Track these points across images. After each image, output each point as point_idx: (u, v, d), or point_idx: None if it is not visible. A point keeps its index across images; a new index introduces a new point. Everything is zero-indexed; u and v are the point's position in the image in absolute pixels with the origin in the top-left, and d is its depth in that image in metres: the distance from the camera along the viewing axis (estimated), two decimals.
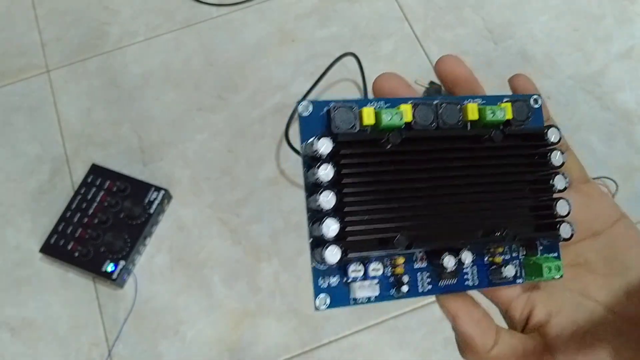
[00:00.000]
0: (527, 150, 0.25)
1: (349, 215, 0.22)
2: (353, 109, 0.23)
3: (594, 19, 0.79)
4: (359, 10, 0.81)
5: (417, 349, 0.63)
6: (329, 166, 0.22)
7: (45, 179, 0.73)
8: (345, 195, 0.22)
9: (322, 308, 0.23)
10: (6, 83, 0.79)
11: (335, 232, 0.22)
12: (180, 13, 0.83)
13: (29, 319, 0.66)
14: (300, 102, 0.23)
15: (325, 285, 0.23)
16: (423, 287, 0.24)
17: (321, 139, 0.22)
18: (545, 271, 0.24)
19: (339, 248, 0.22)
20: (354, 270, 0.23)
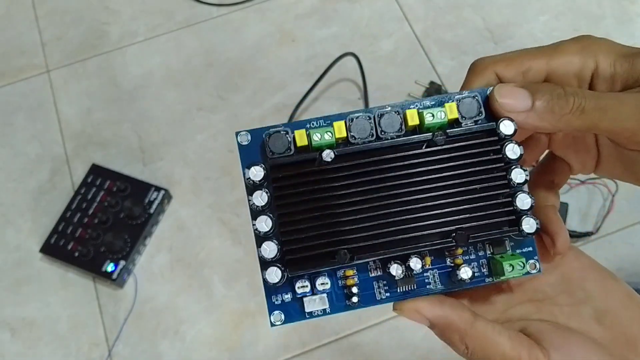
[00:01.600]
0: (476, 149, 0.24)
1: (285, 236, 0.23)
2: (287, 134, 0.24)
3: (594, 19, 0.79)
4: (359, 10, 0.81)
5: (417, 349, 0.63)
6: (262, 192, 0.23)
7: (45, 179, 0.73)
8: (279, 217, 0.23)
9: (277, 324, 0.24)
10: (6, 83, 0.79)
11: (273, 254, 0.23)
12: (180, 13, 0.83)
13: (29, 319, 0.66)
14: (239, 132, 0.25)
15: (278, 302, 0.24)
16: (380, 294, 0.25)
17: (252, 168, 0.24)
18: (506, 269, 0.24)
19: (278, 268, 0.23)
20: (300, 286, 0.24)
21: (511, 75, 0.25)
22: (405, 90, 0.73)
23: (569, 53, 0.25)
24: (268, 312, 0.24)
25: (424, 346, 0.63)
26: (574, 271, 0.26)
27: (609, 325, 0.24)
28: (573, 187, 0.66)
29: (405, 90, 0.73)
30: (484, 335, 0.23)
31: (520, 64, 0.25)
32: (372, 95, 0.74)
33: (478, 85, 0.25)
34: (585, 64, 0.24)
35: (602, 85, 0.24)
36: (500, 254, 0.25)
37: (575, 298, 0.25)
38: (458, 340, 0.23)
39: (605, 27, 0.78)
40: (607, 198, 0.66)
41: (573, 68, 0.24)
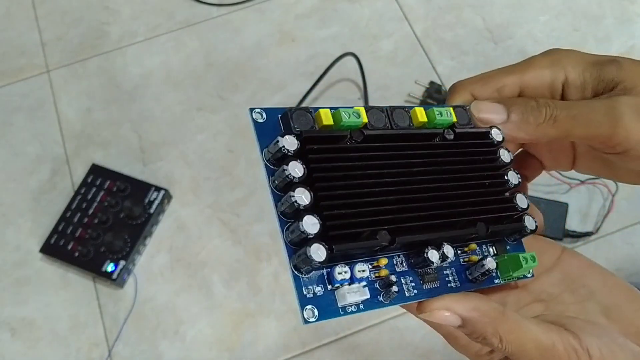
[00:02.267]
0: (479, 148, 0.25)
1: (327, 210, 0.21)
2: (309, 112, 0.23)
3: (594, 19, 0.79)
4: (359, 10, 0.81)
5: (417, 349, 0.63)
6: (297, 163, 0.21)
7: (45, 179, 0.73)
8: (318, 190, 0.21)
9: (311, 321, 0.21)
10: (6, 83, 0.79)
11: (316, 228, 0.21)
12: (180, 13, 0.83)
13: (29, 319, 0.66)
14: (254, 109, 0.23)
15: (310, 295, 0.22)
16: (409, 291, 0.23)
17: (286, 136, 0.21)
18: (522, 261, 0.24)
19: (323, 245, 0.21)
20: (341, 272, 0.21)
21: (487, 93, 0.26)
22: (405, 90, 0.73)
23: (539, 67, 0.26)
24: (299, 307, 0.21)
25: (424, 346, 0.63)
26: (574, 270, 0.26)
27: (616, 318, 0.24)
28: (573, 187, 0.66)
29: (405, 90, 0.73)
30: (516, 323, 0.22)
31: (495, 83, 0.26)
32: (372, 95, 0.74)
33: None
34: (556, 76, 0.26)
35: (574, 94, 0.26)
36: (502, 255, 0.26)
37: (579, 295, 0.25)
38: (491, 334, 0.22)
39: (605, 27, 0.78)
40: (607, 198, 0.66)
41: (544, 80, 0.26)
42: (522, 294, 0.26)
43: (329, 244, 0.21)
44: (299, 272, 0.22)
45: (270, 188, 0.22)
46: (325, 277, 0.22)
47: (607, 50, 0.77)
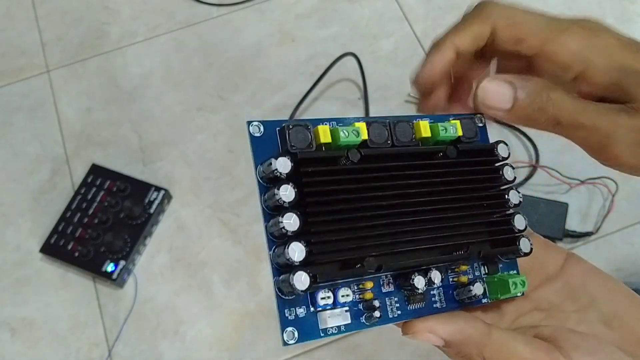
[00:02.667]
0: (481, 166, 0.25)
1: (316, 237, 0.21)
2: (308, 127, 0.22)
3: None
4: (359, 10, 0.81)
5: (417, 349, 0.63)
6: (289, 186, 0.21)
7: (45, 179, 0.73)
8: (309, 216, 0.21)
9: (290, 342, 0.21)
10: (6, 83, 0.79)
11: (302, 256, 0.21)
12: (180, 13, 0.83)
13: (29, 319, 0.66)
14: (251, 122, 0.22)
15: (292, 317, 0.22)
16: (393, 312, 0.23)
17: (279, 158, 0.21)
18: (512, 287, 0.24)
19: (306, 274, 0.20)
20: (324, 297, 0.21)
21: (468, 44, 0.25)
22: (405, 90, 0.73)
23: (570, 39, 0.25)
24: (280, 328, 0.21)
25: (424, 346, 0.63)
26: (576, 277, 0.26)
27: (617, 327, 0.24)
28: (573, 187, 0.66)
29: (405, 90, 0.73)
30: (501, 344, 0.22)
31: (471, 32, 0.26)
32: (372, 95, 0.74)
33: (438, 61, 0.26)
34: (582, 59, 0.25)
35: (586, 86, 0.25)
36: (494, 274, 0.25)
37: (581, 303, 0.25)
38: (476, 355, 0.22)
39: None
40: (607, 198, 0.66)
41: (566, 59, 0.25)
42: (522, 302, 0.26)
43: (313, 272, 0.21)
44: (282, 294, 0.22)
45: (261, 206, 0.22)
46: (308, 299, 0.22)
47: None
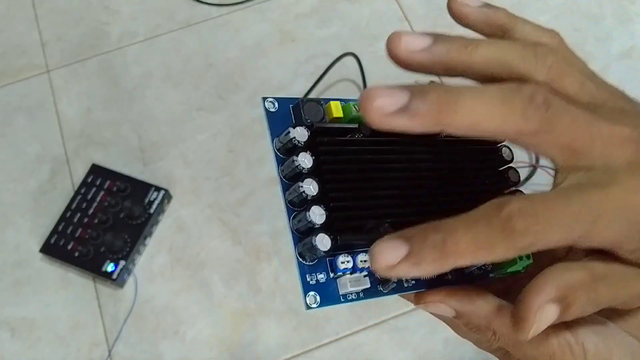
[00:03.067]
0: (480, 145, 0.25)
1: (334, 201, 0.22)
2: (321, 103, 0.23)
3: (594, 19, 0.79)
4: (359, 10, 0.81)
5: (417, 349, 0.63)
6: (306, 154, 0.22)
7: (45, 179, 0.73)
8: (326, 182, 0.22)
9: (313, 306, 0.22)
10: (6, 83, 0.79)
11: (323, 218, 0.21)
12: (180, 13, 0.83)
13: (29, 319, 0.66)
14: (266, 98, 0.23)
15: (313, 282, 0.22)
16: (407, 282, 0.24)
17: (297, 127, 0.22)
18: (516, 259, 0.24)
19: (327, 236, 0.21)
20: (343, 261, 0.22)
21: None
22: None
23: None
24: (303, 293, 0.22)
25: (424, 346, 0.63)
26: None
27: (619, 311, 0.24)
28: None
29: None
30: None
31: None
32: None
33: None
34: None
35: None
36: None
37: None
38: (485, 327, 0.22)
39: (605, 27, 0.78)
40: None
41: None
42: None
43: (334, 235, 0.21)
44: (304, 260, 0.22)
45: (279, 177, 0.23)
46: (328, 265, 0.23)
47: (607, 50, 0.77)
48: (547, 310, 0.18)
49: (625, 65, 0.76)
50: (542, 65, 0.19)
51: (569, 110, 0.18)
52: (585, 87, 0.20)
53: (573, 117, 0.18)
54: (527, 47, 0.20)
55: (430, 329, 0.63)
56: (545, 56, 0.20)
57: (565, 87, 0.20)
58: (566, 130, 0.18)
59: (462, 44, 0.19)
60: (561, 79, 0.20)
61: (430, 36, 0.20)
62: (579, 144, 0.18)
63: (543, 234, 0.17)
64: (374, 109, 0.18)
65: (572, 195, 0.18)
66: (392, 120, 0.18)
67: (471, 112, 0.17)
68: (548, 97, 0.18)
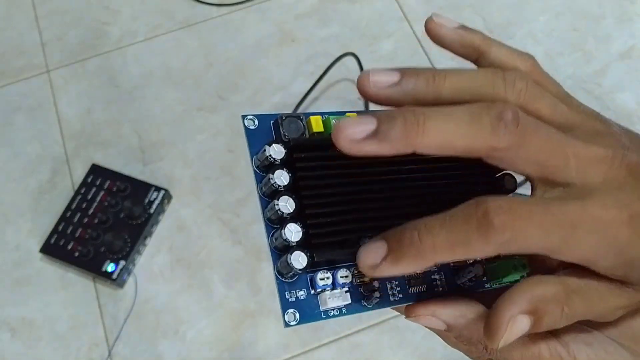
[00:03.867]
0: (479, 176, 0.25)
1: (311, 218, 0.22)
2: (301, 119, 0.23)
3: (594, 19, 0.79)
4: (359, 10, 0.81)
5: (417, 349, 0.63)
6: (283, 172, 0.22)
7: (45, 179, 0.73)
8: (303, 198, 0.22)
9: (292, 324, 0.22)
10: (6, 83, 0.79)
11: (299, 236, 0.21)
12: (180, 13, 0.83)
13: (29, 319, 0.66)
14: (246, 115, 0.23)
15: (292, 299, 0.22)
16: (394, 296, 0.23)
17: (272, 145, 0.22)
18: (512, 269, 0.24)
19: (304, 253, 0.21)
20: (323, 278, 0.22)
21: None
22: None
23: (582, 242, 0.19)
24: (282, 310, 0.22)
25: (424, 346, 0.63)
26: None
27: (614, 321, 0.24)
28: None
29: None
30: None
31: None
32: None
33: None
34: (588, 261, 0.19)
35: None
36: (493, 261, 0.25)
37: None
38: (476, 339, 0.22)
39: (605, 27, 0.78)
40: None
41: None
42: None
43: (310, 252, 0.21)
44: (283, 277, 0.22)
45: (258, 194, 0.23)
46: (308, 281, 0.22)
47: (607, 50, 0.77)
48: (519, 322, 0.18)
49: (625, 65, 0.76)
50: (511, 90, 0.20)
51: (541, 127, 0.19)
52: (558, 110, 0.21)
53: (546, 135, 0.19)
54: (496, 74, 0.20)
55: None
56: (515, 81, 0.20)
57: (537, 110, 0.20)
58: (540, 147, 0.19)
59: (429, 76, 0.20)
60: (533, 103, 0.20)
61: (398, 72, 0.20)
62: (554, 162, 0.19)
63: (520, 233, 0.17)
64: (343, 138, 0.18)
65: (552, 203, 0.18)
66: (362, 146, 0.18)
67: (440, 132, 0.18)
68: (517, 114, 0.18)
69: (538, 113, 0.20)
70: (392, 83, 0.20)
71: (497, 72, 0.20)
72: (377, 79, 0.20)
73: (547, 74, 0.23)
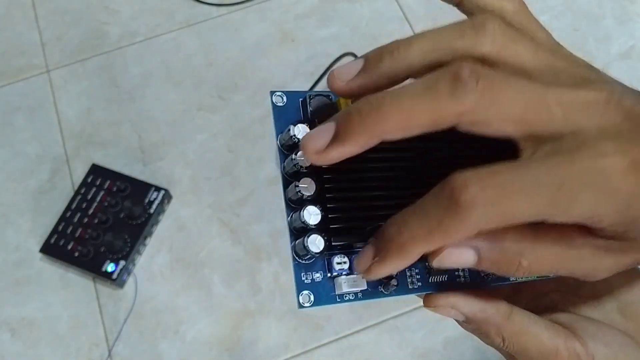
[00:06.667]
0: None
1: (331, 202, 0.21)
2: (330, 98, 0.22)
3: (594, 19, 0.79)
4: (359, 10, 0.81)
5: (417, 349, 0.63)
6: None
7: (45, 179, 0.73)
8: (325, 182, 0.21)
9: (306, 305, 0.21)
10: (6, 83, 0.79)
11: (317, 219, 0.21)
12: (180, 13, 0.83)
13: (29, 319, 0.66)
14: (274, 92, 0.22)
15: (308, 281, 0.22)
16: (413, 284, 0.23)
17: (298, 125, 0.21)
18: None
19: (321, 237, 0.21)
20: (340, 262, 0.21)
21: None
22: None
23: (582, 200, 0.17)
24: (296, 292, 0.21)
25: (424, 346, 0.63)
26: None
27: (631, 316, 0.23)
28: None
29: None
30: (521, 327, 0.21)
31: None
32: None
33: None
34: (590, 218, 0.17)
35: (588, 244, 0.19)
36: None
37: (598, 290, 0.24)
38: (494, 334, 0.21)
39: (605, 27, 0.78)
40: None
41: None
42: (541, 282, 0.25)
43: (328, 237, 0.21)
44: (300, 258, 0.22)
45: (281, 173, 0.22)
46: (325, 264, 0.22)
47: (607, 50, 0.77)
48: (465, 254, 0.18)
49: (625, 65, 0.76)
50: (483, 35, 0.18)
51: (510, 77, 0.17)
52: (539, 54, 0.18)
53: (518, 85, 0.17)
54: (464, 22, 0.18)
55: (430, 329, 0.63)
56: (484, 25, 0.18)
57: (517, 53, 0.18)
58: (512, 101, 0.16)
59: (393, 49, 0.19)
60: (510, 47, 0.18)
61: (362, 59, 0.19)
62: (533, 115, 0.17)
63: (494, 207, 0.16)
64: (310, 154, 0.18)
65: (531, 164, 0.16)
66: (328, 154, 0.18)
67: (398, 113, 0.17)
68: (475, 70, 0.16)
69: (518, 58, 0.18)
70: (358, 71, 0.19)
71: (465, 20, 0.19)
72: (342, 71, 0.19)
73: (534, 17, 0.21)
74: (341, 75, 0.19)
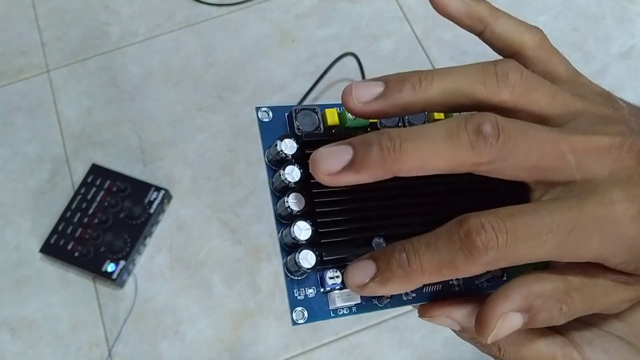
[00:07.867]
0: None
1: (321, 217, 0.21)
2: (316, 111, 0.22)
3: (594, 19, 0.79)
4: (359, 10, 0.81)
5: (417, 349, 0.63)
6: (294, 167, 0.21)
7: (45, 179, 0.73)
8: (314, 196, 0.21)
9: (300, 322, 0.21)
10: (6, 83, 0.79)
11: (308, 235, 0.21)
12: (180, 13, 0.83)
13: (29, 319, 0.66)
14: (260, 107, 0.22)
15: (301, 297, 0.21)
16: (407, 295, 0.23)
17: (284, 140, 0.21)
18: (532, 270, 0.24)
19: (312, 252, 0.21)
20: (332, 277, 0.21)
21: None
22: None
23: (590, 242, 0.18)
24: (290, 308, 0.21)
25: (424, 346, 0.63)
26: None
27: (629, 321, 0.23)
28: None
29: None
30: (517, 334, 0.21)
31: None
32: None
33: None
34: (599, 257, 0.18)
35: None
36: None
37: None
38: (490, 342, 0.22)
39: (605, 27, 0.78)
40: None
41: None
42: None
43: (319, 251, 0.21)
44: (292, 274, 0.22)
45: (270, 189, 0.22)
46: (318, 279, 0.22)
47: (607, 50, 0.77)
48: (510, 318, 0.18)
49: (625, 65, 0.76)
50: (504, 85, 0.19)
51: (527, 129, 0.17)
52: (557, 99, 0.19)
53: (534, 136, 0.17)
54: (486, 68, 0.19)
55: (430, 329, 0.63)
56: (507, 74, 0.19)
57: (535, 102, 0.19)
58: (529, 152, 0.17)
59: (415, 81, 0.19)
60: (529, 96, 0.19)
61: (381, 82, 0.19)
62: (546, 163, 0.18)
63: (507, 250, 0.16)
64: (321, 172, 0.18)
65: (544, 209, 0.17)
66: (340, 178, 0.18)
67: (417, 155, 0.17)
68: (497, 124, 0.17)
69: (536, 106, 0.19)
70: (377, 95, 0.19)
71: (488, 65, 0.19)
72: (359, 93, 0.19)
73: (555, 49, 0.21)
74: (359, 96, 0.19)
